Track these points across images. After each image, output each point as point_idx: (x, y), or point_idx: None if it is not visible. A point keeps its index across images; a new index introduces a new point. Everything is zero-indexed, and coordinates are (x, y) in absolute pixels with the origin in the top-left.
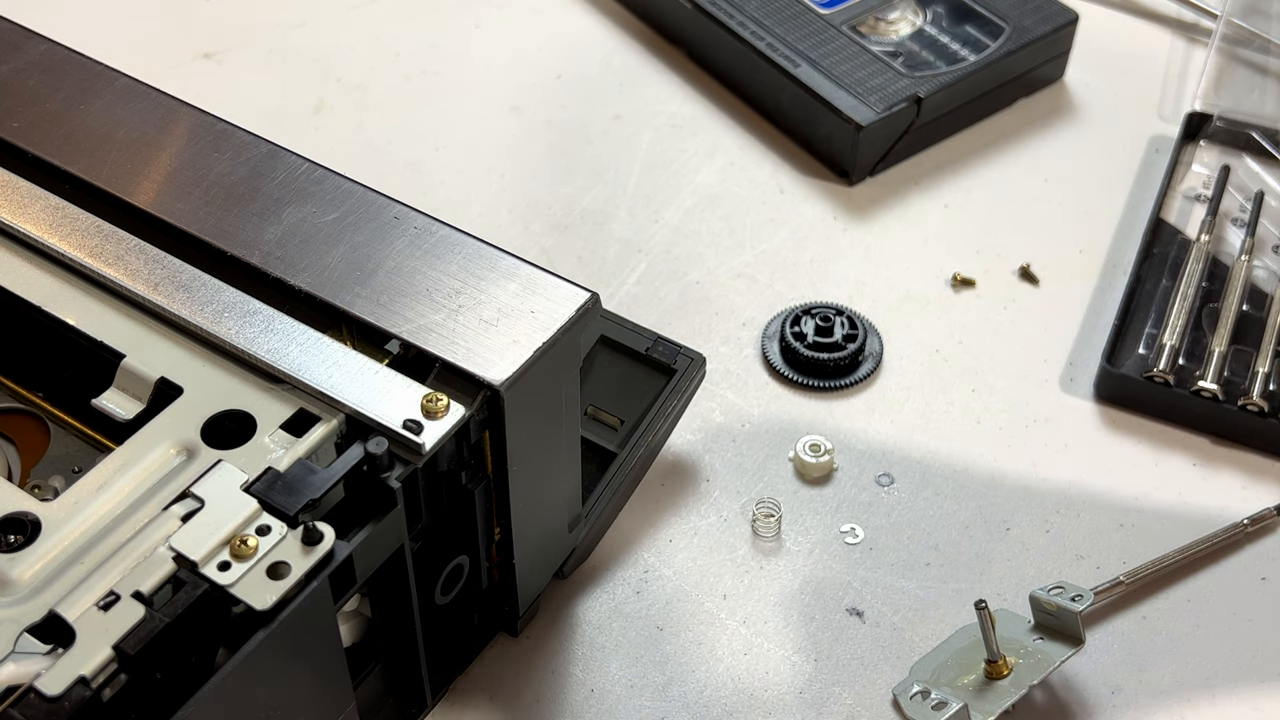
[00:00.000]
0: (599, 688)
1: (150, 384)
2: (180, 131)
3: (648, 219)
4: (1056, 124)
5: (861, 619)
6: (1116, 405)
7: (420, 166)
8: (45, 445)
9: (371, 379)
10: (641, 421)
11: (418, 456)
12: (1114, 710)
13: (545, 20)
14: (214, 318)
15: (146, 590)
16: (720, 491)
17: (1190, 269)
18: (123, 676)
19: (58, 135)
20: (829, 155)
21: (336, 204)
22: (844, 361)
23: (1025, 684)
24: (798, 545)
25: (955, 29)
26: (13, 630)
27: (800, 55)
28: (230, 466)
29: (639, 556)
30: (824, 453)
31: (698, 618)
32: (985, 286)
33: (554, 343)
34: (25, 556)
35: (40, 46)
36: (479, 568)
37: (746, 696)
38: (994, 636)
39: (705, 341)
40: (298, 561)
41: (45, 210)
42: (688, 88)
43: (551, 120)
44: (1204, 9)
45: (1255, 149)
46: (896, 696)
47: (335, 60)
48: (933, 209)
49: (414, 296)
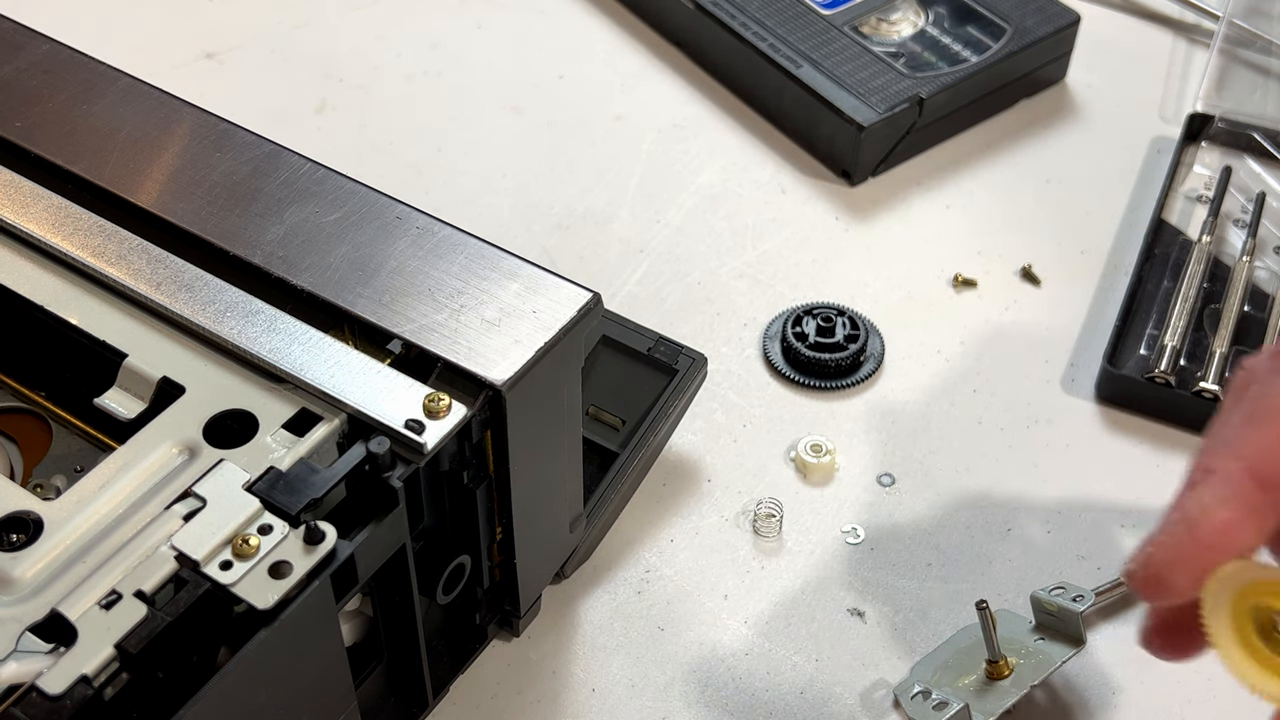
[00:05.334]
0: (600, 687)
1: (152, 383)
2: (182, 131)
3: (649, 219)
4: (1058, 125)
5: (863, 619)
6: (1118, 406)
7: (422, 166)
8: (47, 444)
9: (373, 379)
10: (643, 421)
11: (419, 456)
12: (1115, 711)
13: (547, 21)
14: (216, 317)
15: (148, 589)
16: (722, 491)
17: (1192, 270)
18: (124, 675)
19: (60, 135)
20: (831, 156)
21: (339, 204)
22: (845, 362)
23: (1026, 684)
24: (799, 545)
25: (957, 30)
26: (14, 629)
27: (802, 56)
28: (232, 466)
29: (640, 556)
30: (825, 453)
31: (699, 618)
32: (987, 287)
33: (556, 343)
34: (27, 555)
35: (43, 47)
36: (480, 567)
37: (748, 696)
38: (995, 637)
39: (707, 342)
40: (299, 561)
41: (48, 210)
42: (689, 88)
43: (553, 120)
44: (1206, 10)
45: (1257, 150)
46: (898, 696)
47: (337, 60)
48: (934, 209)
49: (416, 296)
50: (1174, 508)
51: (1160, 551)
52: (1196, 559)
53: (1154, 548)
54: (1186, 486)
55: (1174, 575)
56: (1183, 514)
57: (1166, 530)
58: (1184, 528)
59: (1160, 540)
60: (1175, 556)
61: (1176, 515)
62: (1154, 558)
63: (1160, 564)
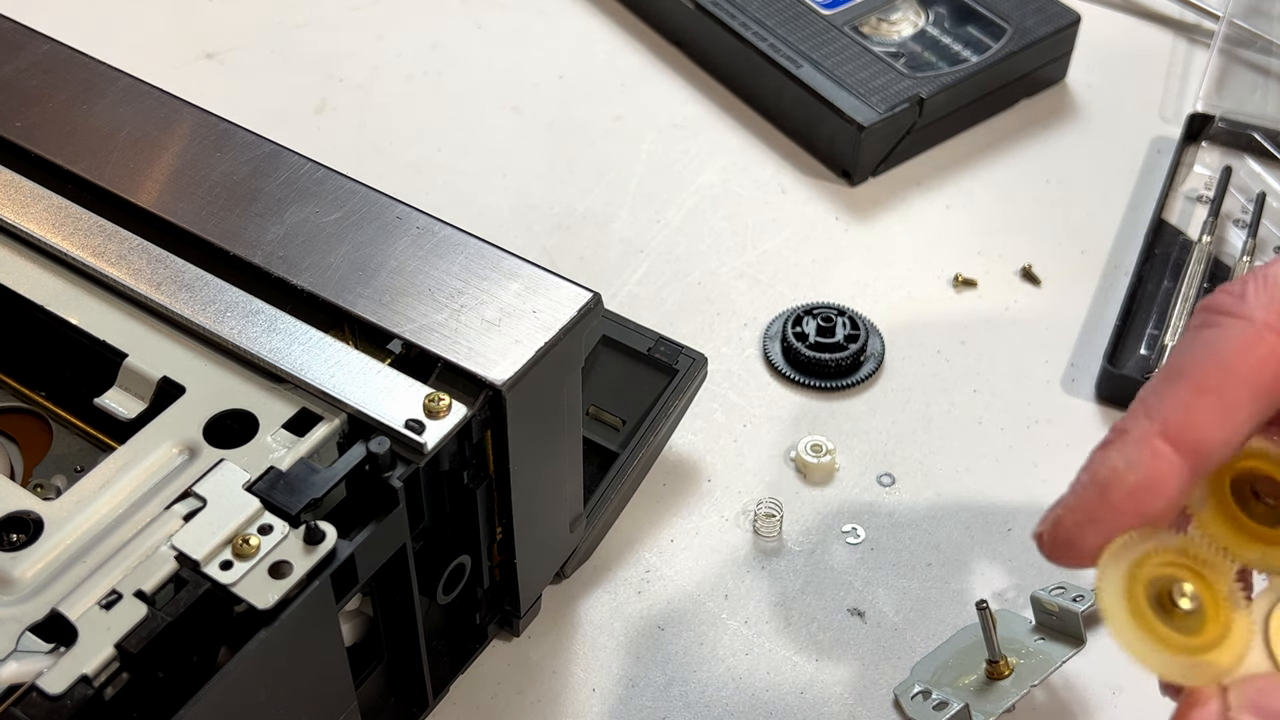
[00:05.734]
0: (600, 687)
1: (152, 383)
2: (183, 131)
3: (650, 219)
4: (1058, 125)
5: (863, 619)
6: (1118, 406)
7: (422, 166)
8: (47, 444)
9: (373, 379)
10: (643, 421)
11: (420, 456)
12: (1115, 711)
13: (547, 20)
14: (216, 317)
15: (148, 589)
16: (722, 491)
17: (1192, 270)
18: (124, 675)
19: (61, 135)
20: (831, 156)
21: (339, 204)
22: (845, 362)
23: (1026, 684)
24: (799, 545)
25: (957, 30)
26: (15, 629)
27: (802, 56)
28: (232, 466)
29: (640, 556)
30: (825, 453)
31: (699, 618)
32: (987, 287)
33: (556, 343)
34: (27, 555)
35: (43, 47)
36: (480, 567)
37: (748, 696)
38: (995, 637)
39: (707, 342)
40: (299, 561)
41: (48, 210)
42: (690, 88)
43: (553, 120)
44: (1206, 10)
45: (1257, 150)
46: (898, 696)
47: (338, 60)
48: (934, 209)
49: (416, 296)
50: (1084, 469)
51: (1069, 515)
52: (1106, 522)
53: (1063, 510)
54: (1099, 448)
55: (1083, 539)
56: (1092, 476)
57: (1076, 492)
58: (1093, 490)
59: (1069, 503)
60: (1085, 519)
61: (1086, 477)
62: (1063, 520)
63: (1069, 527)
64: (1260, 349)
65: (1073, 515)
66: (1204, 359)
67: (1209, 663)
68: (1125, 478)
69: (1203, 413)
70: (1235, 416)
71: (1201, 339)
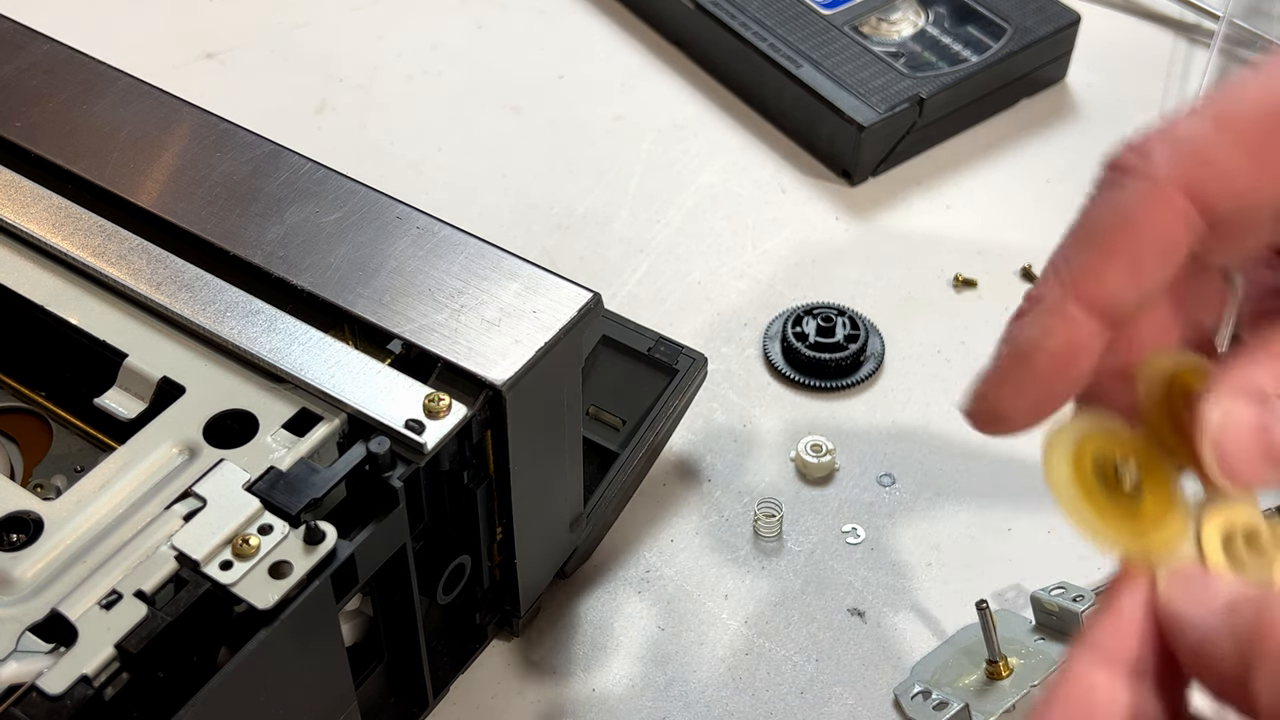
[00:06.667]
0: (600, 687)
1: (152, 383)
2: (183, 131)
3: (650, 219)
4: (1058, 125)
5: (863, 619)
6: None
7: (422, 166)
8: (47, 444)
9: (373, 379)
10: (643, 421)
11: (420, 456)
12: None
13: (547, 21)
14: (216, 317)
15: (148, 589)
16: (722, 491)
17: None
18: (125, 675)
19: (60, 135)
20: (831, 155)
21: (339, 204)
22: (846, 362)
23: (1026, 684)
24: (799, 545)
25: (957, 29)
26: (15, 629)
27: (802, 56)
28: (232, 466)
29: (640, 556)
30: (825, 453)
31: (699, 618)
32: (987, 287)
33: (556, 343)
34: (27, 555)
35: (43, 47)
36: (480, 567)
37: (748, 696)
38: (995, 637)
39: (707, 342)
40: (300, 561)
41: (48, 210)
42: (689, 88)
43: (553, 120)
44: (1206, 10)
45: None
46: (898, 696)
47: (337, 60)
48: (934, 209)
49: (416, 296)
50: (1003, 339)
51: (994, 389)
52: (1030, 391)
53: (986, 385)
54: (1014, 317)
55: (1010, 409)
56: (1012, 346)
57: (998, 364)
58: (1013, 361)
59: (992, 376)
60: (1010, 391)
61: (1006, 348)
62: (988, 394)
63: (995, 399)
64: (1166, 210)
65: (996, 389)
66: (1111, 221)
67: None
68: (1043, 344)
69: (1113, 276)
70: (1145, 277)
71: (1108, 200)
